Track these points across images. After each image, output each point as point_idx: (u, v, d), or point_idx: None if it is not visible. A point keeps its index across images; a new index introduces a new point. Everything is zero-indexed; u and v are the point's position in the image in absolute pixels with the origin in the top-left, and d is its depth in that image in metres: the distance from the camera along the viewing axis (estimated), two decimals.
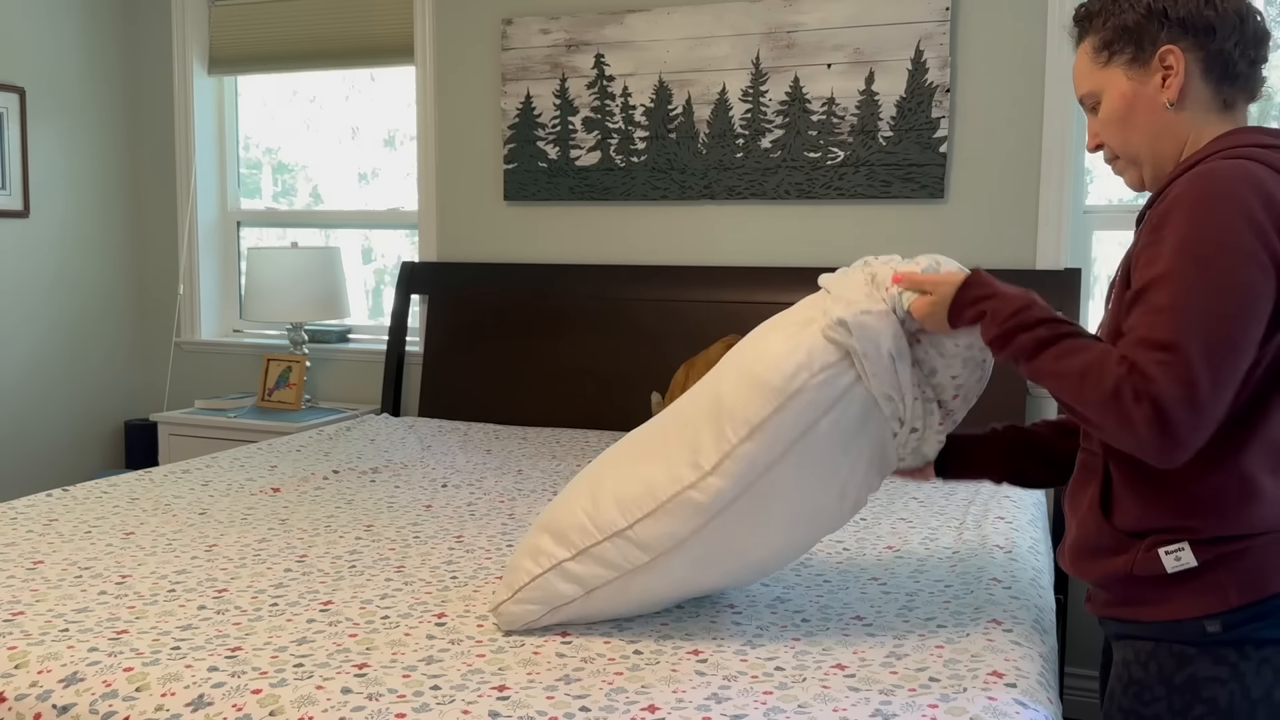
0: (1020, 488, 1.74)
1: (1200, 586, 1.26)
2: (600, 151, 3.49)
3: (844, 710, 1.35)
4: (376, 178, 4.06)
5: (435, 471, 2.74)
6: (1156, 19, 1.35)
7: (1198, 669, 1.27)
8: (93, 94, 4.03)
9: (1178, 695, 1.28)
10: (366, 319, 4.14)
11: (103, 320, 4.12)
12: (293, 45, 3.96)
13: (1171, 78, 1.35)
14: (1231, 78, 1.35)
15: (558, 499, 1.73)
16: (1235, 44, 1.33)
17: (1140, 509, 1.31)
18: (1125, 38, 1.38)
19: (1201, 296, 1.18)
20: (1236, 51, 1.34)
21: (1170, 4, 1.34)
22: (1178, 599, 1.28)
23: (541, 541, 1.64)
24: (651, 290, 3.42)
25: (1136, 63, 1.37)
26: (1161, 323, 1.19)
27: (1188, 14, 1.33)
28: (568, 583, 1.60)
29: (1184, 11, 1.34)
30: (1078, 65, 1.46)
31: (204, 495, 2.46)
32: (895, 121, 3.16)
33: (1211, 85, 1.35)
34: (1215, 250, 1.19)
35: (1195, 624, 1.27)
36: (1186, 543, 1.27)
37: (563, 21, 3.50)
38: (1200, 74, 1.35)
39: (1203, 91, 1.35)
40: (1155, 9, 1.35)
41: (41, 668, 1.48)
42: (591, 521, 1.61)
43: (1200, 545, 1.26)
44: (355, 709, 1.34)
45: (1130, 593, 1.33)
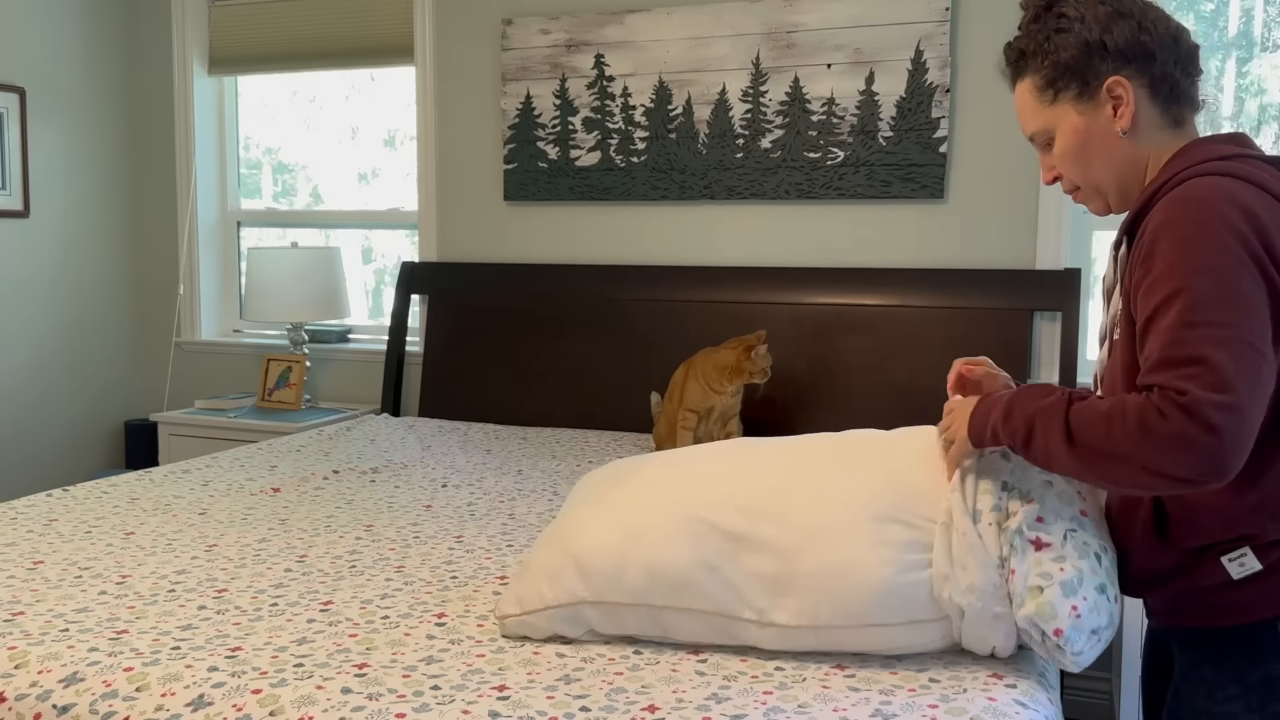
0: None
1: (1268, 588, 1.28)
2: (600, 152, 3.49)
3: (844, 710, 1.35)
4: (376, 178, 4.06)
5: (435, 471, 2.74)
6: (1096, 52, 1.36)
7: (1272, 668, 1.29)
8: (93, 94, 4.03)
9: (1254, 694, 1.30)
10: (366, 319, 4.14)
11: (103, 320, 4.12)
12: (293, 45, 3.96)
13: (1123, 107, 1.36)
14: (1177, 96, 1.38)
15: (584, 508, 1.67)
16: (1174, 63, 1.37)
17: (1198, 525, 1.32)
18: (1068, 74, 1.39)
19: (1211, 310, 1.18)
20: (1178, 71, 1.37)
21: (1107, 36, 1.35)
22: (1247, 603, 1.29)
23: (562, 566, 1.59)
24: (651, 290, 3.42)
25: (1084, 97, 1.38)
26: (1178, 340, 1.19)
27: (1125, 43, 1.36)
28: (580, 622, 1.58)
29: (1121, 41, 1.36)
30: (1021, 104, 1.45)
31: (204, 495, 2.46)
32: (895, 122, 3.16)
33: (1160, 107, 1.38)
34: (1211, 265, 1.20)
35: (1268, 624, 1.29)
36: (1248, 547, 1.28)
37: (563, 22, 3.50)
38: (1148, 98, 1.37)
39: (1153, 114, 1.38)
40: (1093, 43, 1.36)
41: (41, 668, 1.48)
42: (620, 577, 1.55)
43: (1261, 549, 1.28)
44: (355, 709, 1.34)
45: (1199, 601, 1.34)
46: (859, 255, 3.28)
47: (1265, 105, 3.02)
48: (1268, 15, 3.00)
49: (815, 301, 3.24)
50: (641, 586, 1.54)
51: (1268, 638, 1.29)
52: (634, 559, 1.55)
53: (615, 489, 1.70)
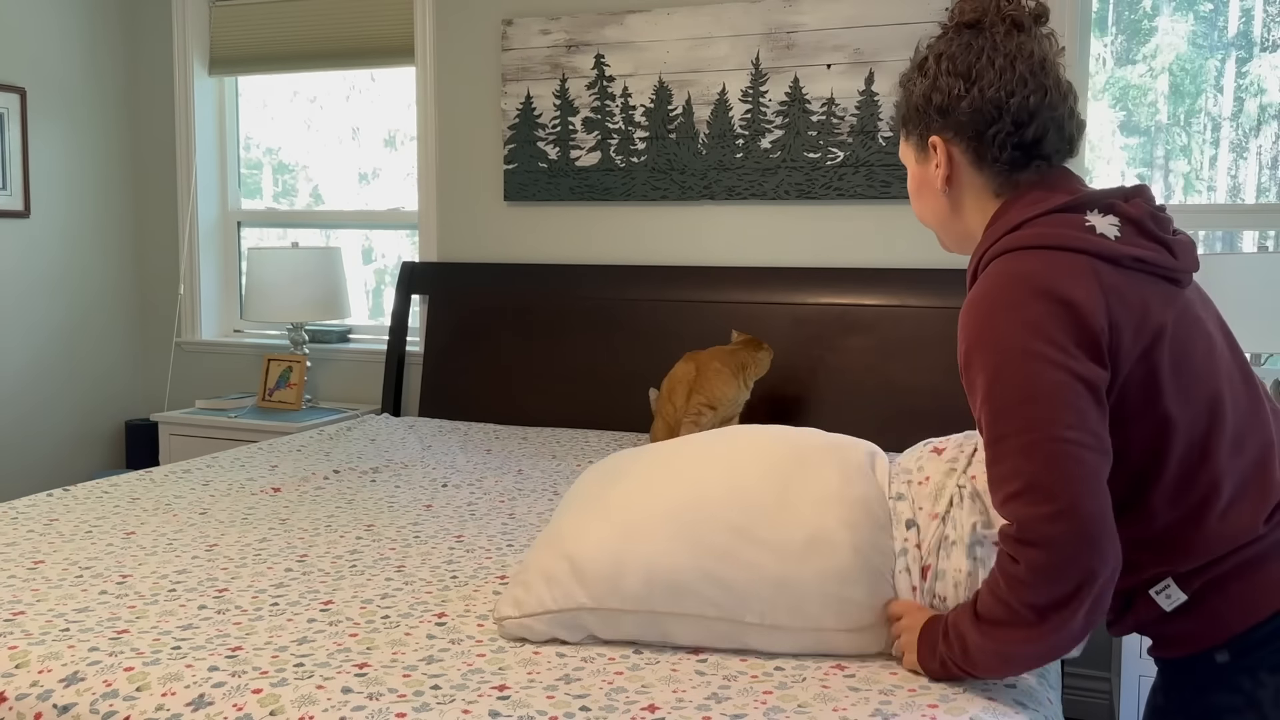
0: None
1: (1199, 618, 1.26)
2: (600, 152, 3.49)
3: (844, 710, 1.35)
4: (377, 178, 4.06)
5: (435, 471, 2.75)
6: (926, 109, 1.35)
7: (1215, 699, 1.27)
8: (93, 94, 4.03)
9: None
10: (367, 319, 4.14)
11: (103, 320, 4.13)
12: (293, 45, 3.96)
13: (939, 167, 1.36)
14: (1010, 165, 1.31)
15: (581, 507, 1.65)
16: (997, 133, 1.29)
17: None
18: (911, 121, 1.39)
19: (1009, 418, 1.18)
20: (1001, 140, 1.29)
21: (934, 93, 1.33)
22: (1185, 634, 1.28)
23: (560, 570, 1.56)
24: (651, 290, 3.42)
25: (919, 146, 1.39)
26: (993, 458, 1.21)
27: (944, 105, 1.32)
28: (579, 628, 1.56)
29: (941, 101, 1.32)
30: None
31: (205, 495, 2.46)
32: (895, 122, 3.16)
33: (986, 173, 1.33)
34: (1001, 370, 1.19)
35: (1206, 656, 1.26)
36: (1170, 579, 1.27)
37: (563, 22, 3.50)
38: (969, 164, 1.34)
39: (976, 179, 1.34)
40: (925, 96, 1.34)
41: (42, 667, 1.48)
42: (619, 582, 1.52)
43: (1182, 579, 1.26)
44: (356, 708, 1.35)
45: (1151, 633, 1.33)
46: (859, 255, 3.29)
47: (1265, 105, 3.03)
48: (1267, 15, 3.00)
49: (815, 301, 3.24)
50: (640, 592, 1.52)
51: (1206, 668, 1.27)
52: (632, 563, 1.53)
53: (612, 487, 1.68)
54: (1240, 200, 3.10)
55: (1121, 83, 3.18)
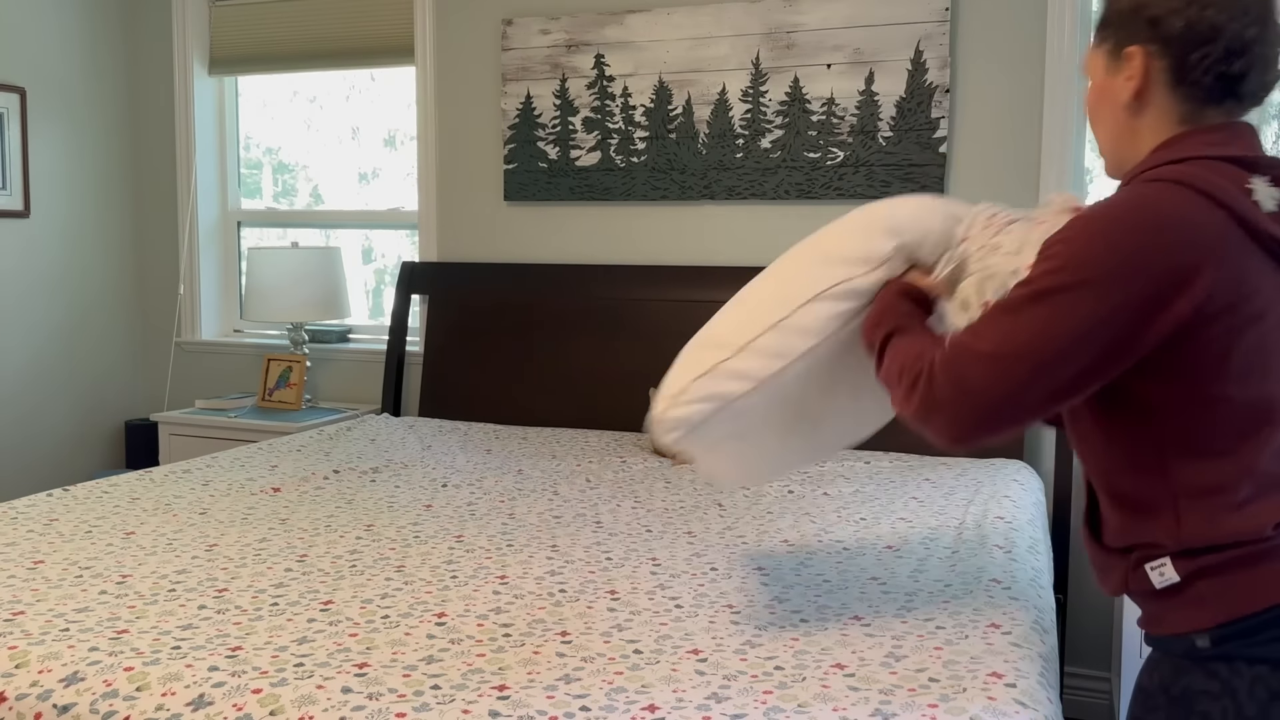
0: None
1: (1186, 602, 1.25)
2: (600, 152, 3.49)
3: (844, 710, 1.35)
4: (377, 178, 4.06)
5: (435, 471, 2.75)
6: (1137, 15, 1.27)
7: (1192, 682, 1.25)
8: (93, 94, 4.03)
9: (1176, 706, 1.26)
10: (367, 319, 4.14)
11: (103, 320, 4.13)
12: (293, 45, 3.96)
13: (1131, 79, 1.28)
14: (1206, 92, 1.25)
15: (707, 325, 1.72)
16: (1205, 56, 1.23)
17: (1118, 526, 1.30)
18: (1111, 25, 1.31)
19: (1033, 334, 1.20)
20: (1216, 68, 1.23)
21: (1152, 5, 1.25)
22: (1171, 614, 1.27)
23: (696, 354, 1.62)
24: (651, 290, 3.42)
25: (1113, 54, 1.31)
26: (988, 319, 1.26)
27: (1159, 15, 1.24)
28: (733, 380, 1.57)
29: (1158, 11, 1.24)
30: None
31: (204, 495, 2.46)
32: (895, 122, 3.16)
33: (1180, 95, 1.26)
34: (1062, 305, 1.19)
35: (1186, 639, 1.25)
36: (1168, 558, 1.25)
37: (563, 22, 3.50)
38: (1165, 83, 1.27)
39: (1166, 100, 1.27)
40: (1140, 6, 1.26)
41: (42, 667, 1.48)
42: (749, 320, 1.60)
43: (1179, 559, 1.25)
44: (355, 708, 1.35)
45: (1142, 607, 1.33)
46: None
47: (1265, 105, 3.03)
48: None
49: None
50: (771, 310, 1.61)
51: (1186, 651, 1.26)
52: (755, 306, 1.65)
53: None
54: None
55: None
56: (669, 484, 2.63)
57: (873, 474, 2.74)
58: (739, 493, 2.55)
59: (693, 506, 2.41)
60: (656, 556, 2.02)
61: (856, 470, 2.78)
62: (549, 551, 2.05)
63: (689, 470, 2.77)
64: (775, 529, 2.22)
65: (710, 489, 2.58)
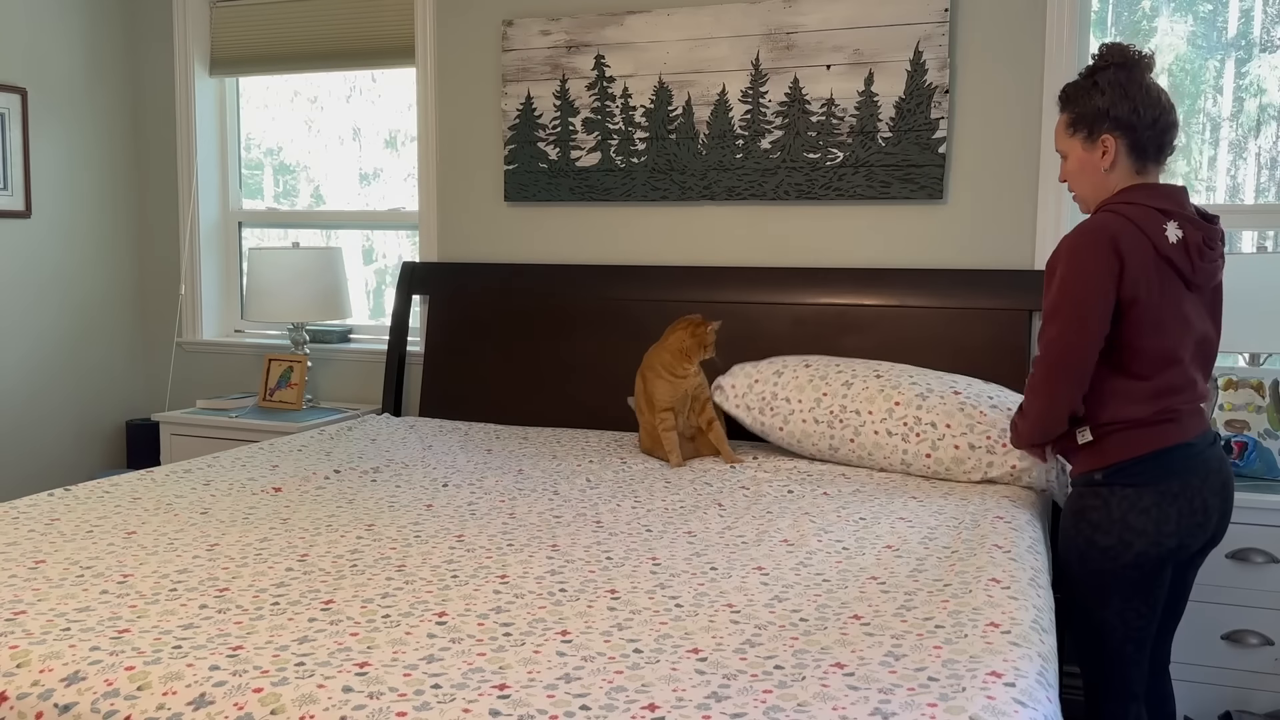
0: None
1: (1093, 453, 2.09)
2: (600, 152, 3.50)
3: (843, 709, 1.36)
4: (378, 179, 4.07)
5: (436, 471, 2.75)
6: (1103, 116, 2.08)
7: (1086, 500, 2.09)
8: (94, 95, 4.04)
9: (1078, 516, 2.10)
10: (368, 319, 4.14)
11: (104, 320, 4.13)
12: (294, 46, 3.97)
13: (1107, 154, 2.10)
14: (1141, 155, 2.09)
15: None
16: (1146, 137, 2.08)
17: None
18: (1083, 122, 2.12)
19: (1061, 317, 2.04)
20: (1145, 139, 2.08)
21: (1112, 108, 2.07)
22: (1084, 460, 2.11)
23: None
24: (651, 290, 3.43)
25: (1089, 140, 2.12)
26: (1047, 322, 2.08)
27: (1120, 116, 2.07)
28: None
29: (1119, 114, 2.07)
30: (1058, 128, 2.17)
31: (206, 495, 2.46)
32: (894, 122, 3.17)
33: (1132, 160, 2.10)
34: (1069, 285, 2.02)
35: (1090, 475, 2.09)
36: (1087, 426, 2.09)
37: (563, 23, 3.50)
38: (1125, 152, 2.10)
39: (1125, 162, 2.10)
40: (1103, 110, 2.08)
41: (43, 667, 1.48)
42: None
43: (1096, 428, 2.08)
44: (356, 707, 1.35)
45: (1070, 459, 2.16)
46: (859, 255, 3.29)
47: (1265, 105, 3.03)
48: (1266, 16, 3.00)
49: (815, 301, 3.24)
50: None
51: (1087, 482, 2.09)
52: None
53: None
54: (1239, 201, 3.10)
55: None
56: (669, 484, 2.63)
57: (872, 474, 2.75)
58: (739, 492, 2.55)
59: (693, 506, 2.41)
60: (656, 556, 2.02)
61: (856, 471, 2.79)
62: (549, 551, 2.05)
63: (689, 470, 2.78)
64: (775, 529, 2.23)
65: (710, 489, 2.58)
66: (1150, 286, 1.99)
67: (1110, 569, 2.05)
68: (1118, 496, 2.04)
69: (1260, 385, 2.79)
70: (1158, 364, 2.03)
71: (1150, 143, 2.08)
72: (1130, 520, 2.03)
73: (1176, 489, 2.03)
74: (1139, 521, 2.02)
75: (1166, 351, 2.03)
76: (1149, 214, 2.02)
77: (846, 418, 2.79)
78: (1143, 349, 2.02)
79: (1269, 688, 2.63)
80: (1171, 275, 2.02)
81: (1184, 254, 2.01)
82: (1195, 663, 2.67)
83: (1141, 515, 2.02)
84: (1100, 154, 2.10)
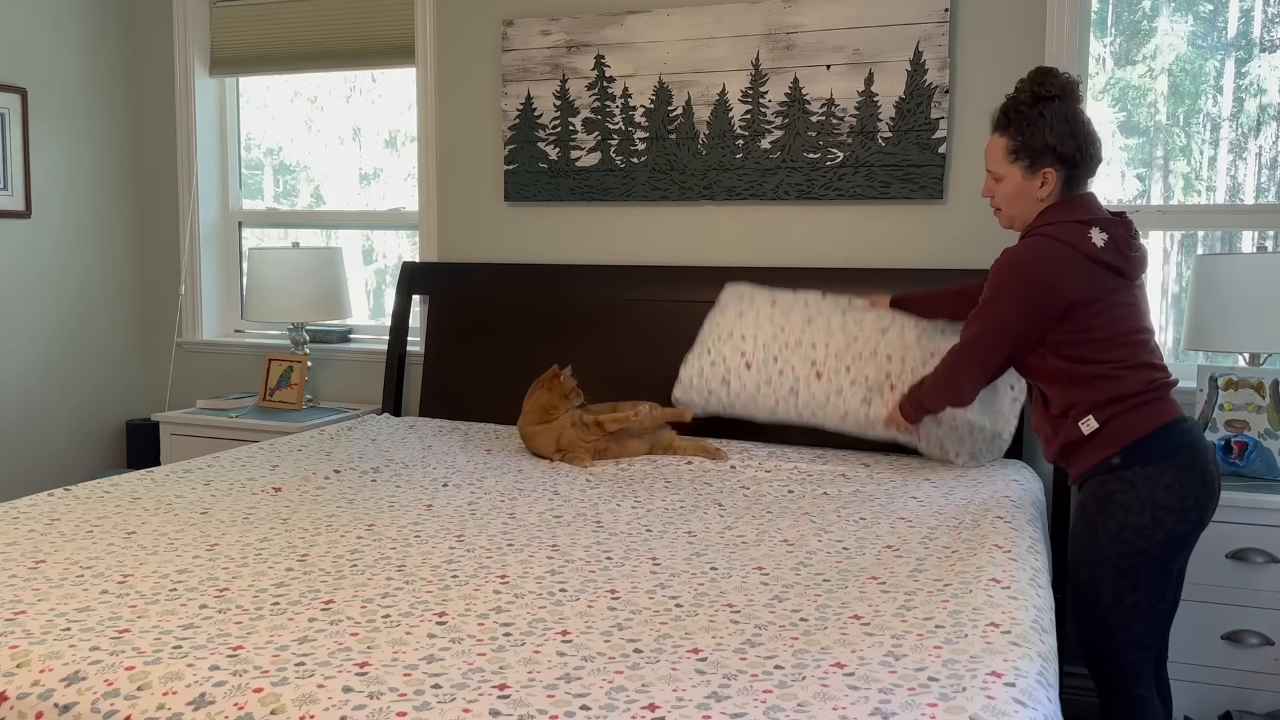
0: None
1: (1102, 440, 2.14)
2: (600, 152, 3.50)
3: (843, 709, 1.36)
4: (378, 178, 4.07)
5: (436, 471, 2.75)
6: (1048, 151, 2.20)
7: (1110, 486, 2.13)
8: (94, 95, 4.04)
9: (1103, 503, 2.13)
10: (368, 319, 4.15)
11: (104, 320, 4.13)
12: (294, 46, 3.97)
13: (1046, 185, 2.23)
14: (1075, 183, 2.24)
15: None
16: (1083, 169, 2.22)
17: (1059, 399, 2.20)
18: (1027, 153, 2.22)
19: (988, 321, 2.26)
20: (1082, 171, 2.23)
21: (1060, 145, 2.19)
22: (1094, 452, 2.15)
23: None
24: (651, 290, 3.43)
25: (1030, 169, 2.23)
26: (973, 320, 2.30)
27: (1065, 153, 2.20)
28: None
29: (1064, 151, 2.20)
30: (992, 148, 2.28)
31: (205, 495, 2.46)
32: (894, 122, 3.17)
33: (1063, 186, 2.23)
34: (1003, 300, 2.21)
35: (1106, 463, 2.13)
36: (1090, 415, 2.14)
37: (563, 23, 3.50)
38: (1060, 182, 2.23)
39: (1059, 189, 2.24)
40: (1050, 145, 2.19)
41: (43, 667, 1.48)
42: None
43: (1097, 411, 2.14)
44: (356, 707, 1.35)
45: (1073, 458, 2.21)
46: (859, 255, 3.29)
47: (1265, 105, 3.03)
48: (1266, 16, 3.01)
49: None
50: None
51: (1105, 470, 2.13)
52: None
53: None
54: (1239, 201, 3.10)
55: (1121, 83, 3.18)
56: (669, 484, 2.63)
57: (873, 474, 2.75)
58: (739, 492, 2.55)
59: (693, 506, 2.41)
60: (656, 556, 2.02)
61: (856, 470, 2.79)
62: (549, 551, 2.05)
63: (689, 470, 2.78)
64: (775, 529, 2.23)
65: (710, 489, 2.58)
66: (1094, 287, 2.13)
67: (1146, 549, 2.08)
68: (1141, 476, 2.08)
69: (1260, 385, 2.79)
70: (1132, 342, 2.15)
71: (1085, 175, 2.23)
72: (1158, 498, 2.07)
73: (1190, 463, 2.09)
74: (1166, 498, 2.07)
75: (1134, 329, 2.16)
76: (1073, 229, 2.16)
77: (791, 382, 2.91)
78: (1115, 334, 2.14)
79: (1269, 688, 2.63)
80: (1110, 274, 2.15)
81: (1115, 252, 2.14)
82: (1195, 663, 2.68)
83: (1167, 491, 2.07)
84: (1039, 184, 2.22)
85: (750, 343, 2.94)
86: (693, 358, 3.02)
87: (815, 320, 2.93)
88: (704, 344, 3.02)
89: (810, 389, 2.85)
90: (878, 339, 2.85)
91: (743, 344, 2.95)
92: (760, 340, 2.93)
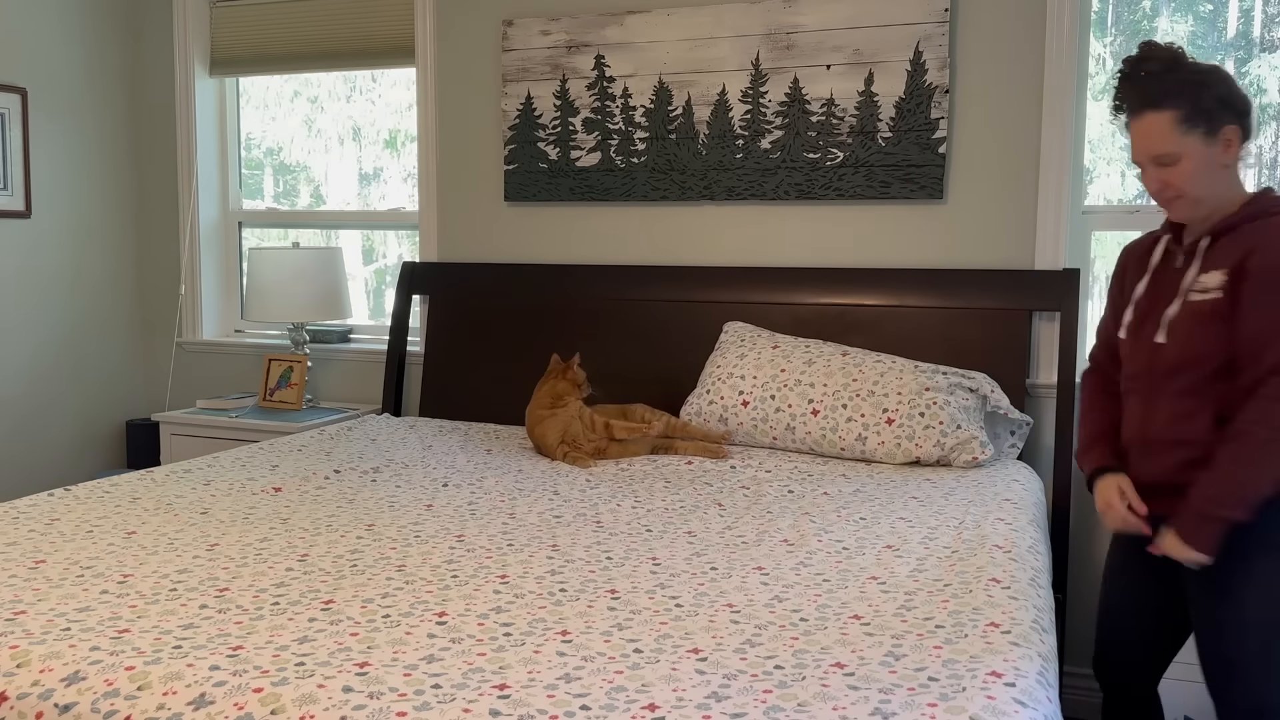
0: None
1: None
2: (600, 152, 3.50)
3: (843, 709, 1.36)
4: (378, 178, 4.07)
5: (436, 471, 2.75)
6: (1224, 106, 1.92)
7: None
8: (94, 95, 4.04)
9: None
10: (368, 319, 4.14)
11: (104, 320, 4.13)
12: (294, 46, 3.97)
13: (1231, 147, 1.94)
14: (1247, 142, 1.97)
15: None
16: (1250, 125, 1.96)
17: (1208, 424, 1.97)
18: (1200, 117, 1.91)
19: None
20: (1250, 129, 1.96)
21: (1229, 97, 1.92)
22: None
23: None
24: (651, 290, 3.43)
25: (1208, 135, 1.92)
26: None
27: (1237, 103, 1.94)
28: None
29: (1236, 101, 1.93)
30: (1154, 130, 1.94)
31: (205, 495, 2.46)
32: (894, 122, 3.17)
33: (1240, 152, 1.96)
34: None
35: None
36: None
37: (563, 23, 3.50)
38: (1239, 143, 1.95)
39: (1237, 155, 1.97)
40: (1224, 99, 1.92)
41: (43, 667, 1.48)
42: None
43: None
44: (356, 707, 1.35)
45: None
46: (859, 255, 3.29)
47: (1265, 105, 3.03)
48: (1266, 16, 3.01)
49: (815, 301, 3.24)
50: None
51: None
52: None
53: None
54: None
55: None
56: (669, 484, 2.63)
57: (873, 474, 2.75)
58: (739, 492, 2.55)
59: (693, 506, 2.41)
60: (656, 556, 2.02)
61: (857, 470, 2.79)
62: (549, 551, 2.05)
63: (689, 470, 2.78)
64: (775, 529, 2.23)
65: (710, 489, 2.58)
66: None
67: None
68: None
69: None
70: None
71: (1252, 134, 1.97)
72: None
73: None
74: None
75: None
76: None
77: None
78: None
79: None
80: None
81: None
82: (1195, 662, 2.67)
83: None
84: (1223, 148, 1.94)
85: (749, 382, 3.02)
86: (693, 397, 3.11)
87: (816, 362, 3.00)
88: (704, 385, 3.11)
89: (806, 426, 2.92)
90: (876, 379, 2.91)
91: (741, 383, 3.03)
92: (760, 380, 3.01)
